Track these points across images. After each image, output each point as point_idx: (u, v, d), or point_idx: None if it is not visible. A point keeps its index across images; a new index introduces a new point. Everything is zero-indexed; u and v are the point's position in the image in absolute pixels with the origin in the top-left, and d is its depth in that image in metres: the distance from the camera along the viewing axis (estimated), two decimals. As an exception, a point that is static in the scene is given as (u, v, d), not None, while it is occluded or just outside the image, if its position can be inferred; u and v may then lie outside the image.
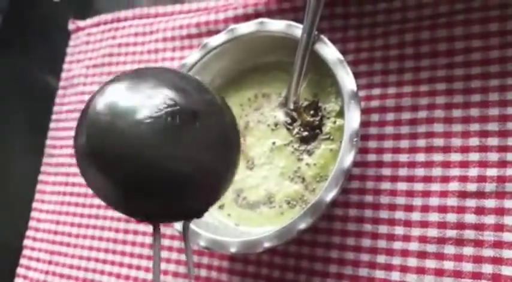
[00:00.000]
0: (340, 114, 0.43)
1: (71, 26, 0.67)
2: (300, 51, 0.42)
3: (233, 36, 0.46)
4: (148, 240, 0.53)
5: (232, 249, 0.40)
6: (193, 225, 0.42)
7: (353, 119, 0.38)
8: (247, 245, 0.39)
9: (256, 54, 0.47)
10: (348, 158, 0.38)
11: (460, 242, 0.39)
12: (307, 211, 0.38)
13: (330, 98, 0.44)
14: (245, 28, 0.45)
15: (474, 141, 0.41)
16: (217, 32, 0.51)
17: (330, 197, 0.37)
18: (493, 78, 0.41)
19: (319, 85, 0.45)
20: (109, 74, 0.62)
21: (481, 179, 0.40)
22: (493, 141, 0.40)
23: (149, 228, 0.53)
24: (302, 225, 0.38)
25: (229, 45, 0.46)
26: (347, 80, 0.40)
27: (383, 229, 0.42)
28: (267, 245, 0.39)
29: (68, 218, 0.59)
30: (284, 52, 0.46)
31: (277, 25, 0.44)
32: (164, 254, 0.51)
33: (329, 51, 0.41)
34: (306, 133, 0.44)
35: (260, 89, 0.48)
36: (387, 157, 0.44)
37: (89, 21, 0.66)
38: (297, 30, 0.43)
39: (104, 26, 0.65)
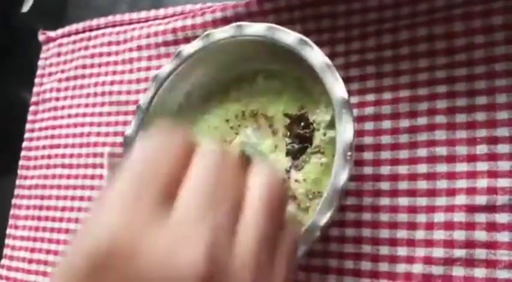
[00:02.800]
0: (331, 125, 0.38)
1: (41, 37, 0.63)
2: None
3: (209, 42, 0.41)
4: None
5: None
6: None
7: (345, 130, 0.34)
8: None
9: (236, 61, 0.43)
10: (342, 175, 0.34)
11: (470, 262, 0.35)
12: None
13: (320, 108, 0.40)
14: (221, 33, 0.41)
15: (482, 149, 0.37)
16: (195, 37, 0.47)
17: (324, 220, 0.33)
18: (499, 77, 0.37)
19: (306, 94, 0.41)
20: (82, 88, 0.57)
21: (491, 190, 0.36)
22: (503, 148, 0.36)
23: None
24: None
25: (206, 52, 0.42)
26: (337, 87, 0.35)
27: (384, 250, 0.38)
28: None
29: (44, 245, 0.55)
30: (267, 58, 0.42)
31: (256, 28, 0.40)
32: None
33: (315, 55, 0.37)
34: (294, 146, 0.40)
35: (247, 103, 0.43)
36: (385, 169, 0.40)
37: (59, 31, 0.62)
38: (279, 33, 0.38)
39: (75, 36, 0.61)
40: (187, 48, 0.42)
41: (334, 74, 0.36)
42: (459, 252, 0.36)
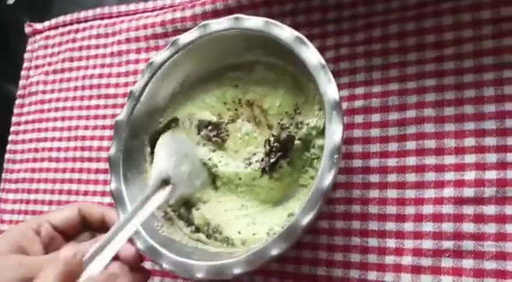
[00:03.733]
0: (322, 132, 0.38)
1: (27, 29, 0.62)
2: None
3: (206, 32, 0.41)
4: None
5: (199, 275, 0.35)
6: (156, 244, 0.38)
7: (335, 133, 0.34)
8: (215, 270, 0.35)
9: (232, 52, 0.43)
10: (327, 177, 0.33)
11: (458, 253, 0.36)
12: (281, 236, 0.34)
13: (314, 111, 0.39)
14: (219, 24, 0.41)
15: (470, 142, 0.37)
16: (185, 30, 0.47)
17: (305, 221, 0.33)
18: (487, 71, 0.37)
19: (301, 91, 0.41)
20: (69, 81, 0.57)
21: (479, 183, 0.36)
22: (490, 141, 0.36)
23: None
24: (274, 251, 0.33)
25: (202, 42, 0.42)
26: (329, 88, 0.35)
27: (373, 242, 0.39)
28: (236, 271, 0.34)
29: (31, 239, 0.54)
30: (263, 51, 0.41)
31: (254, 22, 0.39)
32: None
33: (310, 54, 0.36)
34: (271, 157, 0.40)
35: (244, 91, 0.43)
36: (374, 162, 0.40)
37: (46, 23, 0.62)
38: (275, 28, 0.38)
39: (62, 28, 0.60)
40: (184, 38, 0.42)
41: (328, 75, 0.35)
42: (447, 244, 0.36)
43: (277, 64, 0.42)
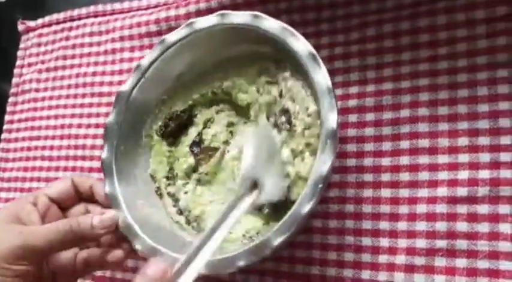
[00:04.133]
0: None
1: (20, 26, 0.62)
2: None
3: (193, 30, 0.41)
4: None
5: (202, 270, 0.35)
6: (155, 243, 0.38)
7: (328, 118, 0.34)
8: (218, 264, 0.35)
9: (222, 46, 0.43)
10: (325, 164, 0.33)
11: (451, 253, 0.36)
12: (282, 225, 0.34)
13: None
14: (205, 21, 0.40)
15: (463, 141, 0.37)
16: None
17: (306, 208, 0.33)
18: (481, 70, 0.38)
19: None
20: (62, 79, 0.56)
21: (472, 182, 0.36)
22: (484, 140, 0.36)
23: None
24: (278, 241, 0.33)
25: (189, 39, 0.41)
26: (320, 75, 0.35)
27: (367, 241, 0.39)
28: (240, 263, 0.34)
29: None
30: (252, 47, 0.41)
31: (241, 17, 0.39)
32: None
33: (298, 44, 0.37)
34: None
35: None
36: (368, 161, 0.40)
37: (40, 20, 0.61)
38: (265, 21, 0.38)
39: (56, 26, 0.59)
40: (171, 36, 0.42)
41: (318, 62, 0.35)
42: (441, 243, 0.36)
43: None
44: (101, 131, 0.52)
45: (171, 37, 0.42)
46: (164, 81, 0.44)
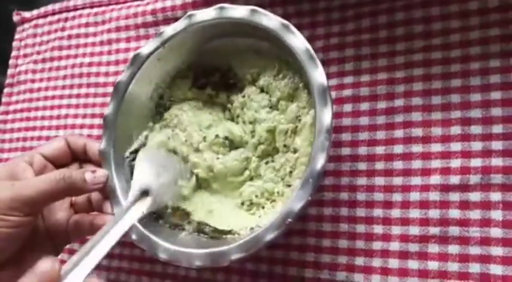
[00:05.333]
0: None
1: (16, 17, 0.62)
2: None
3: (191, 23, 0.41)
4: None
5: (197, 262, 0.36)
6: (151, 234, 0.38)
7: (324, 115, 0.34)
8: (213, 257, 0.35)
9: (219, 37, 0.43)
10: (319, 160, 0.34)
11: (444, 239, 0.36)
12: (275, 221, 0.34)
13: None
14: (204, 14, 0.41)
15: (456, 130, 0.38)
16: (176, 19, 0.47)
17: (299, 205, 0.34)
18: (473, 61, 0.38)
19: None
20: (58, 69, 0.57)
21: (465, 170, 0.37)
22: (476, 129, 0.37)
23: None
24: (269, 236, 0.34)
25: (187, 32, 0.42)
26: (316, 73, 0.35)
27: (361, 228, 0.39)
28: (234, 257, 0.35)
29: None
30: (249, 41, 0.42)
31: (239, 11, 0.39)
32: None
33: (296, 41, 0.37)
34: None
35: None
36: (362, 150, 0.40)
37: (35, 11, 0.61)
38: (262, 16, 0.38)
39: (51, 17, 0.59)
40: (169, 29, 0.42)
41: (315, 60, 0.36)
42: (434, 230, 0.37)
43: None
44: (96, 121, 0.53)
45: (170, 29, 0.42)
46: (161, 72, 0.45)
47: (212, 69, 0.44)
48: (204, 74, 0.45)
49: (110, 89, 0.52)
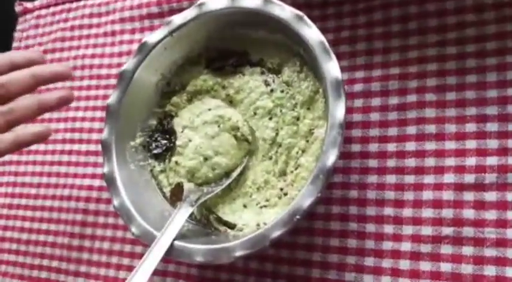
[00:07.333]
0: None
1: (18, 8, 0.61)
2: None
3: (202, 11, 0.40)
4: None
5: (198, 258, 0.35)
6: (152, 228, 0.37)
7: (337, 110, 0.33)
8: (215, 253, 0.34)
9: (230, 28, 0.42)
10: (331, 155, 0.33)
11: (458, 240, 0.35)
12: (282, 218, 0.33)
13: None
14: (215, 3, 0.40)
15: (471, 127, 0.36)
16: (181, 10, 0.46)
17: (308, 202, 0.33)
18: (489, 56, 0.37)
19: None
20: (61, 61, 0.55)
21: (480, 169, 0.35)
22: (492, 126, 0.36)
23: None
24: (276, 234, 0.33)
25: (198, 21, 0.41)
26: (331, 66, 0.35)
27: (370, 228, 0.38)
28: (237, 254, 0.34)
29: (17, 223, 0.53)
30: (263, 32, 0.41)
31: (252, 1, 0.38)
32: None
33: (311, 33, 0.36)
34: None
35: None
36: (373, 147, 0.39)
37: (37, 2, 0.60)
38: (276, 7, 0.37)
39: (54, 8, 0.59)
40: (178, 18, 0.41)
41: (329, 53, 0.35)
42: (447, 230, 0.35)
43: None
44: (98, 114, 0.52)
45: (179, 18, 0.41)
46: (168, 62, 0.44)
47: (229, 53, 0.43)
48: (220, 58, 0.44)
49: (113, 81, 0.51)
